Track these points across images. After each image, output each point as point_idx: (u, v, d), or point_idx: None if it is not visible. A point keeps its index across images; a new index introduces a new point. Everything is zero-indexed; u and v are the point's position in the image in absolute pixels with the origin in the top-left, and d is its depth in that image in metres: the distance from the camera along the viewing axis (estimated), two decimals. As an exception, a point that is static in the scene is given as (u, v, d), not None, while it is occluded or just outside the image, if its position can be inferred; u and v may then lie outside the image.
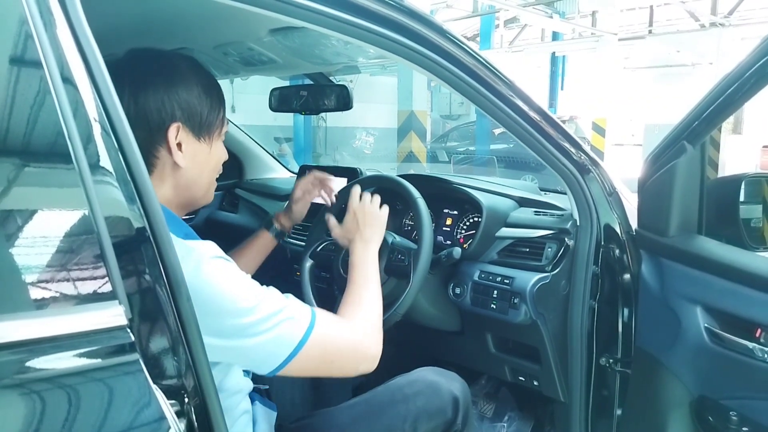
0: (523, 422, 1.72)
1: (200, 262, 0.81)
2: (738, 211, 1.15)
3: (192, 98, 0.90)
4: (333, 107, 1.64)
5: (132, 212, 0.59)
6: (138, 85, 0.86)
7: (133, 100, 0.85)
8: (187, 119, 0.90)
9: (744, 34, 11.13)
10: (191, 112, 0.90)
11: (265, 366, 0.86)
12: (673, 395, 1.14)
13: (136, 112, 0.85)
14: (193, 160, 0.93)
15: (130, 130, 0.62)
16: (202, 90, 0.92)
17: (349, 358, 0.95)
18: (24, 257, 0.54)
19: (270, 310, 0.84)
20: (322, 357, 0.89)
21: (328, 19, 0.90)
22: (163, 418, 0.58)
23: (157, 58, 0.91)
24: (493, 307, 1.38)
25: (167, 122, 0.88)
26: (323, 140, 13.19)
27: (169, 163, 0.90)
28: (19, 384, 0.51)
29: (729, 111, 1.03)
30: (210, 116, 0.94)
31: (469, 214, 1.60)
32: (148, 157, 0.88)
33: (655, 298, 1.17)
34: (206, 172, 0.98)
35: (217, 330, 0.80)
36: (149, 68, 0.89)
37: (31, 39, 0.55)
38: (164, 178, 0.91)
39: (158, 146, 0.89)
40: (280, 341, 0.84)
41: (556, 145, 1.21)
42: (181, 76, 0.90)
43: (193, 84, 0.91)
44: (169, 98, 0.88)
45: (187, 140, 0.91)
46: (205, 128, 0.94)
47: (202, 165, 0.95)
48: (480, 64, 1.11)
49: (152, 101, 0.86)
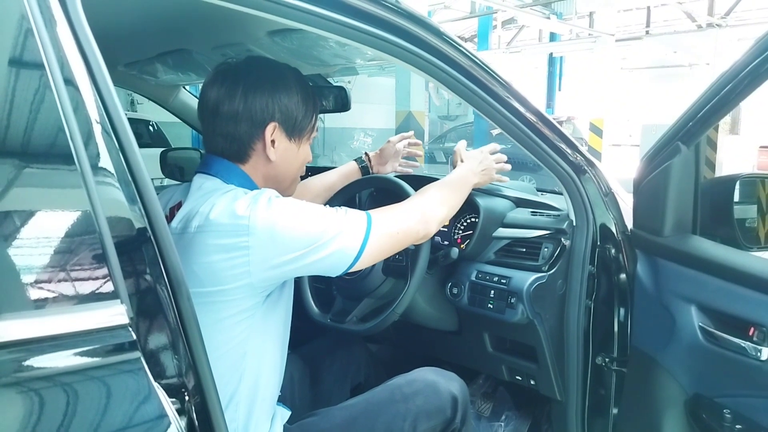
0: (520, 421, 1.73)
1: (270, 199, 0.92)
2: (732, 211, 1.15)
3: (291, 104, 1.03)
4: (331, 108, 1.65)
5: (133, 212, 0.60)
6: (250, 86, 0.99)
7: (243, 98, 0.99)
8: (283, 121, 1.03)
9: (741, 34, 11.17)
10: (288, 116, 1.03)
11: (335, 269, 0.97)
12: (668, 393, 1.15)
13: (244, 109, 0.99)
14: (282, 157, 1.05)
15: (131, 130, 0.62)
16: (301, 98, 1.04)
17: (405, 239, 1.07)
18: (26, 257, 0.55)
19: (333, 231, 0.94)
20: (381, 247, 1.00)
21: (325, 21, 0.91)
22: (164, 415, 0.58)
23: (270, 66, 1.05)
24: (490, 307, 1.39)
25: (267, 120, 1.01)
26: (321, 141, 13.20)
27: (263, 156, 1.03)
28: (21, 382, 0.52)
29: (723, 111, 1.04)
30: (303, 121, 1.06)
31: (467, 215, 1.61)
32: (246, 148, 1.02)
33: (651, 297, 1.18)
34: (292, 168, 1.10)
35: (289, 250, 0.90)
36: (261, 73, 1.02)
37: (32, 40, 0.56)
38: (257, 168, 1.04)
39: (256, 140, 1.02)
40: (343, 252, 0.95)
41: (552, 146, 1.22)
42: (285, 84, 1.03)
43: (294, 92, 1.04)
44: (272, 101, 1.01)
45: (281, 139, 1.04)
46: (297, 131, 1.06)
47: (289, 162, 1.08)
48: (476, 65, 1.12)
49: (259, 101, 1.00)
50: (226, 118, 0.99)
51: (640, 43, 12.30)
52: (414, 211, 1.09)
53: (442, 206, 1.16)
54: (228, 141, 1.00)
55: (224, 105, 0.99)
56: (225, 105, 0.99)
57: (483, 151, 1.40)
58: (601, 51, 9.87)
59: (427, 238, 1.16)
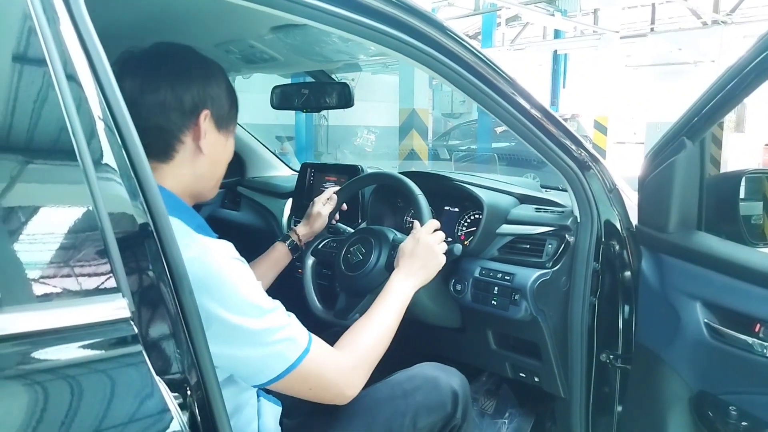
0: (523, 419, 1.73)
1: (220, 261, 0.85)
2: (738, 207, 1.15)
3: (221, 92, 0.99)
4: (334, 105, 1.64)
5: (135, 207, 0.60)
6: (176, 73, 0.94)
7: (170, 88, 0.92)
8: (215, 110, 0.98)
9: (746, 32, 11.09)
10: (219, 105, 0.99)
11: (256, 378, 0.90)
12: (673, 391, 1.15)
13: (173, 98, 0.92)
14: (212, 150, 0.99)
15: (133, 125, 0.62)
16: (227, 88, 1.01)
17: (327, 391, 0.98)
18: (29, 252, 0.55)
19: (277, 323, 0.89)
20: (304, 382, 0.93)
21: (329, 16, 0.90)
22: (166, 410, 0.58)
23: (194, 53, 0.99)
24: (494, 304, 1.38)
25: (200, 108, 0.95)
26: (325, 138, 13.21)
27: (192, 149, 0.96)
28: (24, 375, 0.52)
29: (728, 107, 1.03)
30: (231, 111, 1.03)
31: (470, 211, 1.60)
32: (174, 142, 0.95)
33: (655, 294, 1.17)
34: (220, 164, 1.05)
35: (225, 337, 0.83)
36: (188, 61, 0.97)
37: (35, 36, 0.56)
38: (184, 165, 0.97)
39: (186, 131, 0.95)
40: (277, 357, 0.88)
41: (556, 142, 1.22)
42: (214, 72, 0.99)
43: (221, 81, 1.00)
44: (204, 89, 0.96)
45: (211, 129, 0.98)
46: (225, 122, 1.02)
47: (218, 156, 1.02)
48: (481, 61, 1.11)
49: (189, 89, 0.94)
50: (150, 109, 0.90)
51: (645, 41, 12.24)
52: (342, 371, 0.97)
53: (373, 355, 1.04)
54: (152, 135, 0.89)
55: (146, 95, 0.90)
56: (147, 95, 0.90)
57: (417, 237, 1.23)
58: (606, 48, 9.83)
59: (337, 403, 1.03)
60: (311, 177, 2.11)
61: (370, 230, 1.44)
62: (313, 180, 2.10)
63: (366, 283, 1.36)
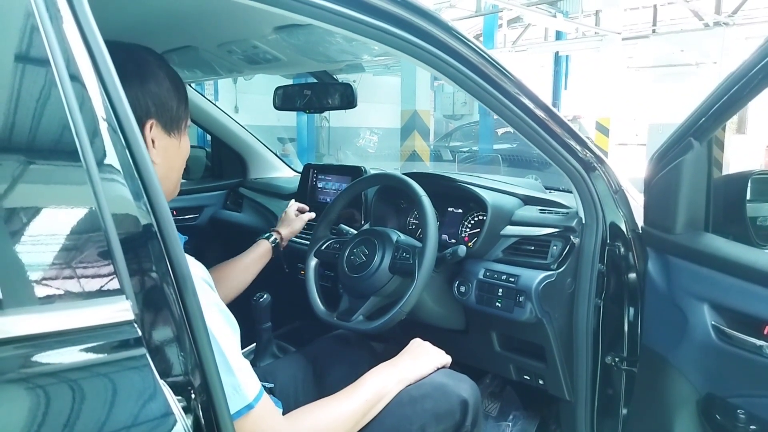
0: (528, 421, 1.72)
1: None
2: (745, 208, 1.14)
3: (163, 92, 0.88)
4: (337, 105, 1.64)
5: (139, 208, 0.59)
6: None
7: None
8: (160, 115, 0.88)
9: (748, 33, 11.09)
10: (164, 108, 0.88)
11: None
12: (680, 393, 1.14)
13: None
14: (165, 157, 0.91)
15: (137, 126, 0.62)
16: (170, 83, 0.90)
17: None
18: (32, 253, 0.54)
19: (235, 356, 0.82)
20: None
21: (333, 16, 0.90)
22: (170, 413, 0.57)
23: (127, 51, 0.86)
24: (498, 306, 1.37)
25: (143, 119, 0.85)
26: (326, 140, 13.22)
27: None
28: (26, 378, 0.51)
29: (736, 108, 1.02)
30: (179, 110, 0.92)
31: (474, 212, 1.60)
32: None
33: (662, 295, 1.16)
34: (176, 167, 0.96)
35: None
36: (121, 63, 0.83)
37: (38, 35, 0.55)
38: None
39: None
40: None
41: (561, 143, 1.21)
42: (152, 70, 0.88)
43: (162, 78, 0.89)
44: (143, 94, 0.85)
45: (160, 136, 0.89)
46: (175, 123, 0.92)
47: (172, 160, 0.94)
48: (486, 61, 1.10)
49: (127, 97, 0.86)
50: None
51: (647, 42, 12.22)
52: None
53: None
54: None
55: None
56: None
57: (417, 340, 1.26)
58: (608, 50, 9.82)
59: None
60: (314, 178, 2.10)
61: (374, 231, 1.43)
62: (316, 181, 2.10)
63: (369, 285, 1.35)
